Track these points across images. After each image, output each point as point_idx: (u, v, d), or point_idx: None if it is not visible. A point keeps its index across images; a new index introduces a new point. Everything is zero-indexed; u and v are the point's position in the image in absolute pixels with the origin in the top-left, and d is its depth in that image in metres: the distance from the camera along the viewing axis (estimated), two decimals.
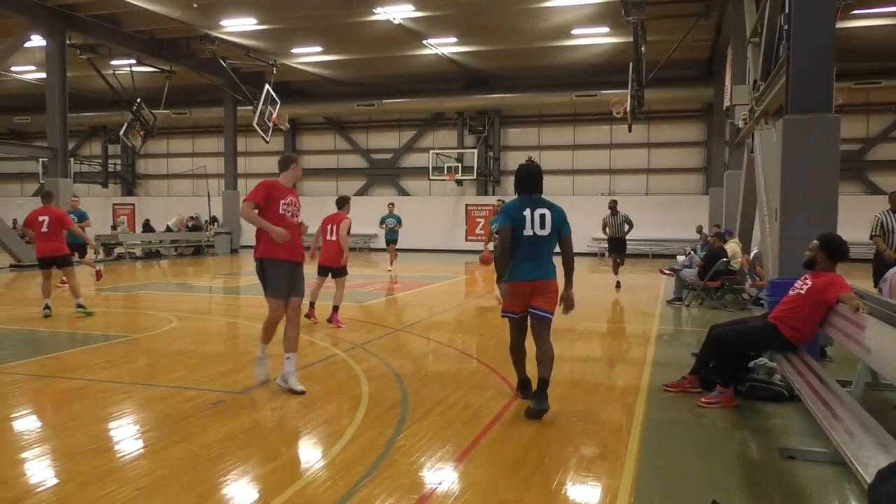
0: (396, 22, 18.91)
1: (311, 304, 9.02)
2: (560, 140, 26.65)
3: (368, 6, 17.68)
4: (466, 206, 27.09)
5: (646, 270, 18.73)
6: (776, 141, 7.62)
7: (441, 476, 3.87)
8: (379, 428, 4.69)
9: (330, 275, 9.03)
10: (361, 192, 28.96)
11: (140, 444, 4.44)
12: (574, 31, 19.82)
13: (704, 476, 3.93)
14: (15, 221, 26.92)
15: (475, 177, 26.31)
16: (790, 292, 5.47)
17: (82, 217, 14.17)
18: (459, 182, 26.68)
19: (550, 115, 26.57)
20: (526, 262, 5.03)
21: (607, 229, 14.08)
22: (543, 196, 5.17)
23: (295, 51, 22.51)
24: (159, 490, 3.65)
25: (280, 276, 5.62)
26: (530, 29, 19.61)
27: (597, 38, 20.54)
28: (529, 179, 5.14)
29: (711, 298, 11.29)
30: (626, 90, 18.40)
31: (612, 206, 13.98)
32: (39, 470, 4.03)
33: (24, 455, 4.25)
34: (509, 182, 27.30)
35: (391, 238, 18.97)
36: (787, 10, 7.38)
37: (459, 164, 26.16)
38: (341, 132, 29.35)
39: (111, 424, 4.90)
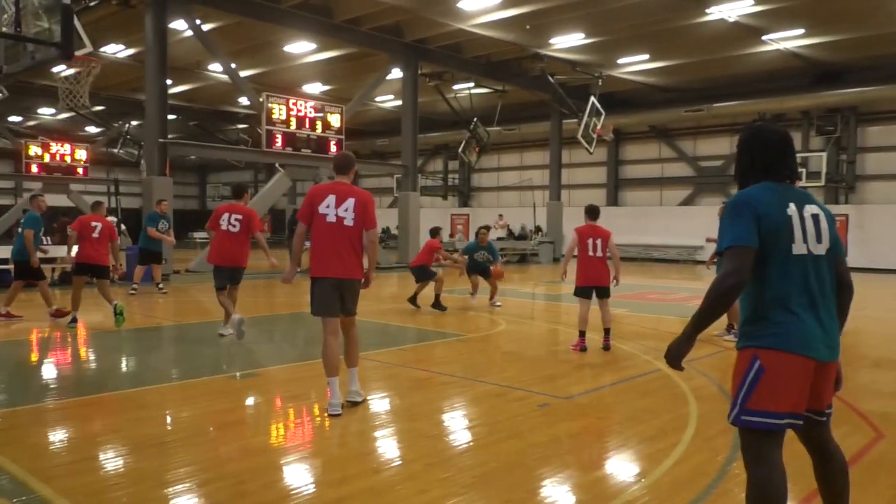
0: (732, 20, 17.66)
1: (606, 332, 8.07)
2: None
3: (701, 6, 16.82)
4: None
5: None
6: None
7: None
8: (709, 452, 4.39)
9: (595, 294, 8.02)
10: (686, 201, 27.64)
11: (475, 435, 4.80)
12: None
13: None
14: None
15: (823, 183, 23.28)
16: None
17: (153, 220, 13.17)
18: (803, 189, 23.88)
19: None
20: (807, 310, 2.60)
21: None
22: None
23: (621, 61, 22.43)
24: (492, 481, 3.88)
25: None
26: None
27: None
28: (785, 152, 2.82)
29: None
30: None
31: None
32: (393, 447, 4.60)
33: (381, 433, 4.89)
34: (868, 188, 23.61)
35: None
36: None
37: (804, 170, 23.41)
38: (666, 140, 28.39)
39: (451, 414, 5.39)
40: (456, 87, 25.20)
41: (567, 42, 20.40)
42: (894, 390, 6.38)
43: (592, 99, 22.70)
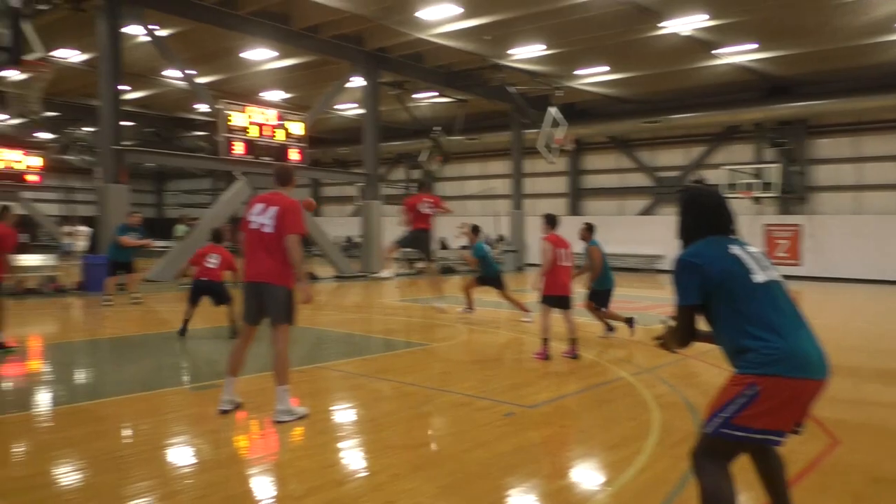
0: (685, 34, 18.10)
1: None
2: (886, 150, 23.02)
3: (655, 21, 17.20)
4: (765, 226, 24.74)
5: None
6: None
7: None
8: (671, 459, 4.45)
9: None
10: (646, 211, 28.15)
11: (440, 445, 4.78)
12: None
13: None
14: (337, 238, 31.02)
15: (776, 194, 23.94)
16: None
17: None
18: (757, 200, 24.50)
19: (872, 122, 23.09)
20: (795, 330, 2.75)
21: None
22: None
23: (579, 72, 22.77)
24: (458, 491, 3.87)
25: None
26: (845, 26, 17.34)
27: None
28: (722, 211, 3.04)
29: None
30: None
31: None
32: (358, 458, 4.56)
33: (345, 444, 4.84)
34: (820, 199, 24.34)
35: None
36: None
37: (757, 181, 24.05)
38: (625, 150, 28.89)
39: (416, 424, 5.36)
40: (417, 96, 25.22)
41: (527, 53, 20.63)
42: (849, 397, 6.57)
43: (551, 109, 22.97)
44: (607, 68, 22.20)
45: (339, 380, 6.90)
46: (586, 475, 4.31)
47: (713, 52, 19.70)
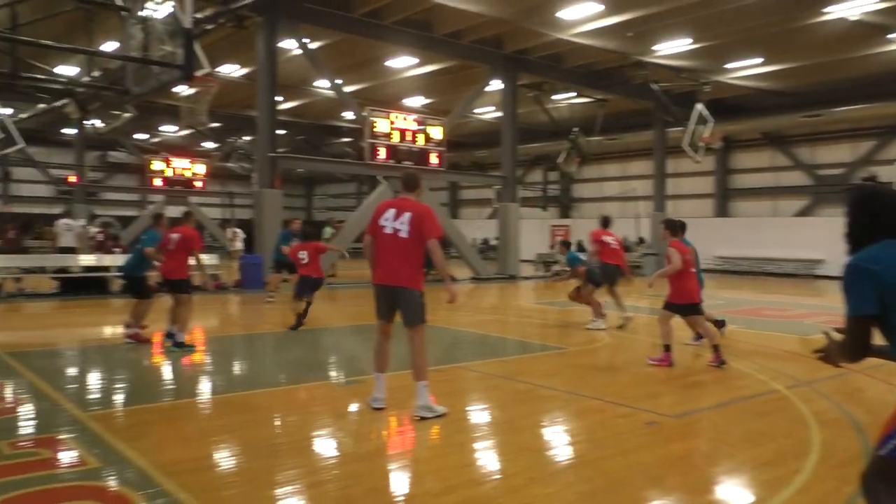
0: (853, 19, 16.57)
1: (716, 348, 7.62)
2: None
3: (819, 6, 15.90)
4: None
5: None
6: None
7: None
8: (835, 481, 4.08)
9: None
10: (804, 212, 26.09)
11: (578, 451, 4.69)
12: None
13: None
14: (474, 240, 31.38)
15: None
16: None
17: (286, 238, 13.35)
18: None
19: None
20: None
21: None
22: None
23: (729, 66, 21.50)
24: (597, 499, 3.78)
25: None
26: None
27: None
28: None
29: None
30: None
31: None
32: (494, 459, 4.57)
33: (482, 444, 4.87)
34: None
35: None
36: None
37: None
38: (780, 147, 26.94)
39: (553, 428, 5.30)
40: (555, 97, 24.93)
41: (672, 48, 19.79)
42: None
43: (698, 106, 21.88)
44: (761, 60, 20.81)
45: (475, 380, 6.96)
46: (736, 492, 4.05)
47: (888, 36, 17.89)
